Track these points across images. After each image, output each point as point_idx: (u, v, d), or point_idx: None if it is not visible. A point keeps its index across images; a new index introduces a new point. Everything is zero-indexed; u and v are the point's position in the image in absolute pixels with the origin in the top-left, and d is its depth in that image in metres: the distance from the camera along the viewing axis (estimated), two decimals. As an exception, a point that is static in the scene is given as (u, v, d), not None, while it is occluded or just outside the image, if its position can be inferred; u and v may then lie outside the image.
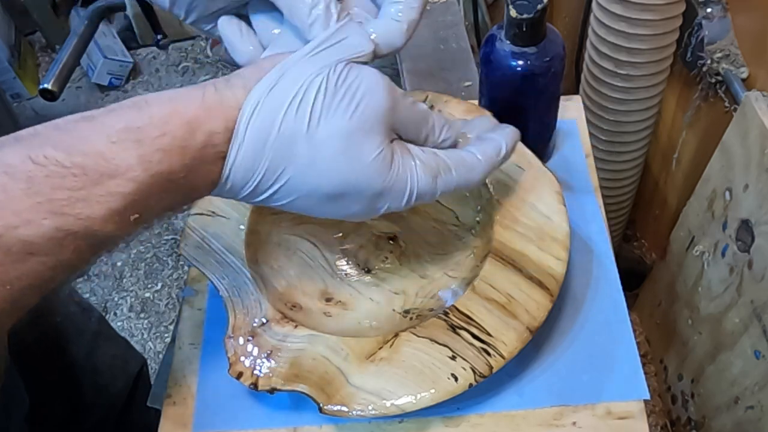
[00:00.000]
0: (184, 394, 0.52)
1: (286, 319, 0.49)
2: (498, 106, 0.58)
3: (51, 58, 1.97)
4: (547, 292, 0.49)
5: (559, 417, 0.49)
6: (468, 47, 0.95)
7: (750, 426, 0.85)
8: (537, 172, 0.54)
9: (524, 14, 0.52)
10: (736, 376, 0.86)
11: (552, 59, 0.55)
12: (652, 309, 1.13)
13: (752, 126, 0.76)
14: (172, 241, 1.55)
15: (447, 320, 0.48)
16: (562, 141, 0.65)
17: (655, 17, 0.86)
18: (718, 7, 0.85)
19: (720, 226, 0.86)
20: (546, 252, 0.51)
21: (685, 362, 1.01)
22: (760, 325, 0.79)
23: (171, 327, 1.43)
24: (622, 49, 0.90)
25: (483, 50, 0.57)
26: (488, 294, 0.49)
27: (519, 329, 0.47)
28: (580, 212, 0.59)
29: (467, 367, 0.46)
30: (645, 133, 1.02)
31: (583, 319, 0.54)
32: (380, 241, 0.58)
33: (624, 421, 0.49)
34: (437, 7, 1.00)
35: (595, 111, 1.00)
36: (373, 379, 0.46)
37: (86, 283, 1.52)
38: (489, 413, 0.50)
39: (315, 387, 0.46)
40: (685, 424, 1.04)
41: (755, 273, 0.79)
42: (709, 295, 0.90)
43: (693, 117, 0.98)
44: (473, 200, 0.56)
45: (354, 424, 0.50)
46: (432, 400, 0.45)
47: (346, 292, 0.55)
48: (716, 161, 0.86)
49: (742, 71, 0.84)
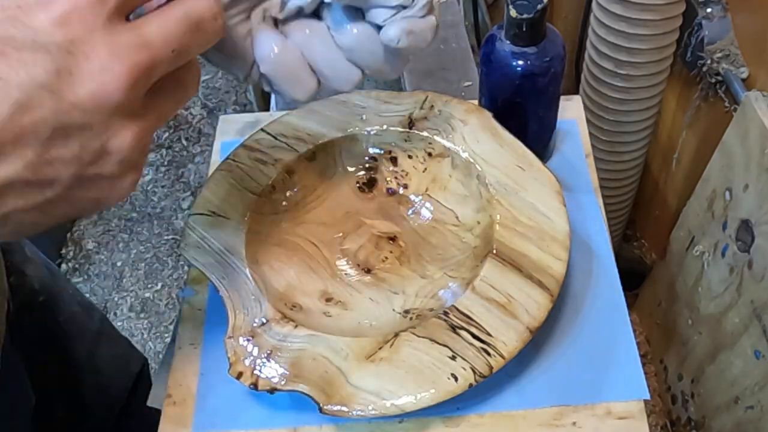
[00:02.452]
0: (184, 394, 0.52)
1: (286, 319, 0.49)
2: (498, 106, 0.58)
3: (51, 58, 1.96)
4: (547, 292, 0.49)
5: (559, 417, 0.49)
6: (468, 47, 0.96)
7: (750, 426, 0.85)
8: (537, 172, 0.54)
9: (524, 14, 0.52)
10: (736, 376, 0.86)
11: (552, 59, 0.55)
12: (652, 309, 1.13)
13: (752, 126, 0.76)
14: (172, 241, 1.55)
15: (447, 320, 0.48)
16: (562, 141, 0.65)
17: (655, 17, 0.86)
18: (718, 7, 0.86)
19: (720, 226, 0.86)
20: (546, 252, 0.51)
21: (685, 362, 1.01)
22: (760, 325, 0.79)
23: (171, 327, 1.43)
24: (622, 49, 0.90)
25: (483, 50, 0.57)
26: (488, 294, 0.49)
27: (519, 329, 0.47)
28: (580, 212, 0.59)
29: (467, 367, 0.46)
30: (645, 133, 1.02)
31: (583, 319, 0.54)
32: (380, 241, 0.58)
33: (624, 421, 0.49)
34: (437, 7, 1.00)
35: (595, 111, 1.00)
36: (373, 379, 0.46)
37: (86, 283, 1.52)
38: (489, 413, 0.50)
39: (315, 387, 0.46)
40: (685, 424, 1.04)
41: (755, 273, 0.79)
42: (709, 295, 0.90)
43: (693, 117, 0.98)
44: (473, 200, 0.56)
45: (354, 424, 0.50)
46: (432, 400, 0.45)
47: (346, 292, 0.55)
48: (716, 161, 0.86)
49: (742, 71, 0.84)
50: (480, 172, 0.55)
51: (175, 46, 0.31)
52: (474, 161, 0.56)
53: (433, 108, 0.59)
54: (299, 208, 0.59)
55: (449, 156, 0.58)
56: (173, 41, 0.31)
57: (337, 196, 0.60)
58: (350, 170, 0.60)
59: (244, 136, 0.61)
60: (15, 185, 0.29)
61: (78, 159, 0.30)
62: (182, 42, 0.31)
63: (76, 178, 0.30)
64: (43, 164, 0.29)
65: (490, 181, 0.54)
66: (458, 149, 0.57)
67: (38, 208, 0.30)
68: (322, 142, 0.59)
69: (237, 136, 0.67)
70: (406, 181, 0.60)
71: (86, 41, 0.28)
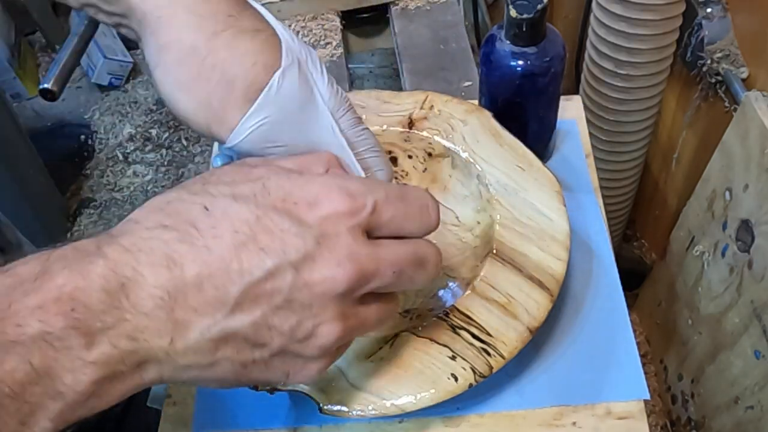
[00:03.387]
0: (184, 394, 0.52)
1: (286, 319, 0.49)
2: (498, 106, 0.58)
3: (51, 58, 1.97)
4: (547, 292, 0.49)
5: (559, 417, 0.49)
6: (468, 47, 0.96)
7: (750, 426, 0.85)
8: (537, 172, 0.54)
9: (524, 14, 0.52)
10: (736, 376, 0.86)
11: (552, 59, 0.55)
12: (652, 309, 1.13)
13: (752, 126, 0.77)
14: (172, 241, 1.55)
15: (447, 320, 0.48)
16: (562, 141, 0.65)
17: (655, 17, 0.86)
18: (718, 7, 0.86)
19: (720, 226, 0.86)
20: (546, 252, 0.51)
21: (685, 362, 1.01)
22: (760, 325, 0.79)
23: (171, 327, 1.43)
24: (622, 49, 0.90)
25: (483, 50, 0.57)
26: (488, 294, 0.49)
27: (519, 329, 0.47)
28: (580, 212, 0.59)
29: (467, 367, 0.46)
30: (645, 133, 1.02)
31: (583, 319, 0.54)
32: (380, 241, 0.58)
33: (624, 421, 0.49)
34: (437, 7, 1.00)
35: (595, 111, 1.00)
36: (373, 379, 0.46)
37: (86, 283, 1.52)
38: (489, 413, 0.50)
39: (315, 387, 0.46)
40: (685, 424, 1.04)
41: (755, 273, 0.79)
42: (709, 295, 0.90)
43: (693, 117, 0.99)
44: (473, 200, 0.56)
45: (354, 424, 0.50)
46: (432, 400, 0.45)
47: (346, 292, 0.55)
48: (716, 161, 0.86)
49: (742, 71, 0.84)
50: (480, 172, 0.55)
51: (396, 268, 0.37)
52: (474, 161, 0.56)
53: (433, 108, 0.59)
54: (299, 208, 0.59)
55: (449, 156, 0.58)
56: (397, 265, 0.37)
57: (337, 196, 0.60)
58: (350, 170, 0.60)
59: (244, 136, 0.60)
60: (237, 337, 0.34)
61: (291, 332, 0.35)
62: (403, 268, 0.37)
63: (282, 348, 0.35)
64: (264, 327, 0.34)
65: (490, 181, 0.54)
66: (458, 149, 0.57)
67: (242, 365, 0.35)
68: (322, 142, 0.59)
69: (237, 136, 0.66)
70: (406, 181, 0.60)
71: (333, 239, 0.34)
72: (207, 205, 0.34)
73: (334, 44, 0.97)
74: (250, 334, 0.34)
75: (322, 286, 0.34)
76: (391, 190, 0.38)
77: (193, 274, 0.32)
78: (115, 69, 1.86)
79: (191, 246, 0.33)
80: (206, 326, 0.33)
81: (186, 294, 0.32)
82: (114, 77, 1.88)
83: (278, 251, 0.33)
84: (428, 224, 0.39)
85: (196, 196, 0.35)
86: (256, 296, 0.33)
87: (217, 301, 0.33)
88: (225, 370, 0.35)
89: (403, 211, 0.38)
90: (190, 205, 0.34)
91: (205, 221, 0.33)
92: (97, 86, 1.89)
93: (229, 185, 0.35)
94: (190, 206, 0.34)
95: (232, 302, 0.33)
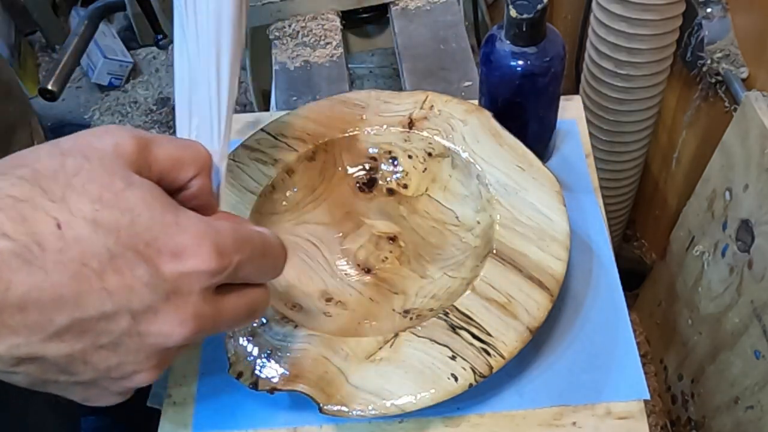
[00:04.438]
0: (184, 394, 0.52)
1: (286, 319, 0.49)
2: (498, 106, 0.59)
3: (51, 58, 1.97)
4: (547, 292, 0.49)
5: (559, 417, 0.49)
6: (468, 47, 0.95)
7: (750, 426, 0.85)
8: (537, 172, 0.54)
9: (524, 14, 0.52)
10: (736, 376, 0.86)
11: (552, 59, 0.55)
12: (652, 309, 1.13)
13: (752, 126, 0.77)
14: (172, 241, 1.55)
15: (447, 320, 0.48)
16: (562, 141, 0.65)
17: (655, 17, 0.86)
18: (718, 7, 0.86)
19: (720, 226, 0.86)
20: (546, 252, 0.51)
21: (685, 362, 1.01)
22: (760, 325, 0.79)
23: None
24: (622, 49, 0.90)
25: (483, 50, 0.57)
26: (488, 294, 0.49)
27: (519, 329, 0.47)
28: (580, 212, 0.59)
29: (467, 367, 0.46)
30: (645, 133, 1.02)
31: (583, 319, 0.54)
32: (380, 241, 0.58)
33: (624, 421, 0.49)
34: (437, 7, 1.00)
35: (595, 111, 1.00)
36: (373, 379, 0.46)
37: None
38: (489, 413, 0.50)
39: (315, 387, 0.46)
40: (685, 424, 1.04)
41: (755, 273, 0.79)
42: (709, 295, 0.90)
43: (693, 117, 0.99)
44: (473, 200, 0.56)
45: (354, 424, 0.50)
46: (432, 400, 0.45)
47: (346, 292, 0.55)
48: (716, 161, 0.86)
49: (742, 71, 0.84)
50: (480, 172, 0.55)
51: (232, 324, 0.37)
52: (474, 161, 0.56)
53: (433, 108, 0.59)
54: (299, 208, 0.59)
55: (449, 156, 0.58)
56: (234, 321, 0.36)
57: (337, 196, 0.60)
58: (350, 170, 0.60)
59: (244, 136, 0.61)
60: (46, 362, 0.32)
61: (107, 371, 0.33)
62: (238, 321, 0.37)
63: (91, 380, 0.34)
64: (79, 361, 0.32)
65: (490, 181, 0.54)
66: (458, 149, 0.57)
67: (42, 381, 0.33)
68: (322, 142, 0.59)
69: (237, 136, 0.67)
70: (406, 181, 0.60)
71: (184, 297, 0.33)
72: (61, 223, 0.30)
73: (334, 44, 0.97)
74: (62, 363, 0.32)
75: (156, 338, 0.33)
76: (256, 247, 0.36)
77: (18, 294, 0.29)
78: (115, 69, 1.86)
79: (27, 265, 0.29)
80: (16, 344, 0.30)
81: (4, 312, 0.29)
82: (114, 77, 1.88)
83: (122, 297, 0.31)
84: (273, 277, 0.39)
85: (52, 204, 0.30)
86: (82, 331, 0.31)
87: (37, 326, 0.30)
88: (20, 380, 0.33)
89: (258, 268, 0.36)
90: (42, 215, 0.30)
91: (52, 242, 0.30)
92: (97, 86, 1.89)
93: (94, 203, 0.31)
94: (42, 216, 0.30)
95: (53, 330, 0.30)
